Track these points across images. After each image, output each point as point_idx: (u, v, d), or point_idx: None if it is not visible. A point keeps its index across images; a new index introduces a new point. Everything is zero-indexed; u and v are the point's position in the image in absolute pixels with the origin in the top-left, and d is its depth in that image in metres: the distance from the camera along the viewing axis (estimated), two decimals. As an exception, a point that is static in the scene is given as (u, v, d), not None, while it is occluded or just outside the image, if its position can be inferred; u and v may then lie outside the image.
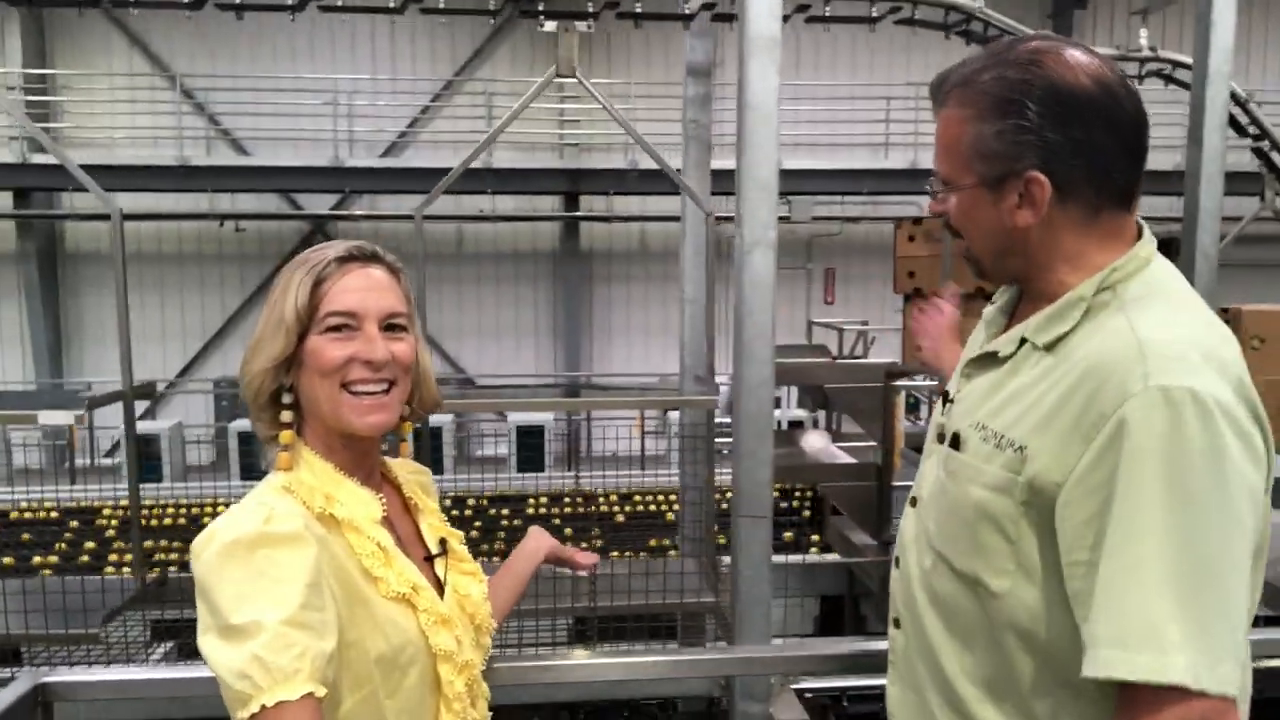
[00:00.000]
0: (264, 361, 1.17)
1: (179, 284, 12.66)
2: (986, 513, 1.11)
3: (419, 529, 1.31)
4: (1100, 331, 1.09)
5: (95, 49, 12.22)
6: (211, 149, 12.25)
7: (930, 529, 1.23)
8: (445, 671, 1.20)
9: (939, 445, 1.25)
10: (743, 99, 2.69)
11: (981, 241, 1.19)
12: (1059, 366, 1.10)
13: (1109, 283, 1.12)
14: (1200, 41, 3.58)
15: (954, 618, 1.19)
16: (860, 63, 12.85)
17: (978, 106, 1.13)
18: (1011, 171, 1.11)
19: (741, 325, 2.77)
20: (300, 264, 1.20)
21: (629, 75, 12.36)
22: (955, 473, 1.17)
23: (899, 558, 1.32)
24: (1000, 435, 1.11)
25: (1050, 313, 1.14)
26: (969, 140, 1.14)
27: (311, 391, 1.18)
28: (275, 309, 1.17)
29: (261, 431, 1.23)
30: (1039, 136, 1.09)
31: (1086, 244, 1.13)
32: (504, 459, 8.70)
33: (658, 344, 12.57)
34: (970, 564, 1.15)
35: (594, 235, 12.93)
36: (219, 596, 1.03)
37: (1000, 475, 1.10)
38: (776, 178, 2.72)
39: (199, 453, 10.40)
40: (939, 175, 1.19)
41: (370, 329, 1.18)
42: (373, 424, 1.18)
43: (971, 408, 1.19)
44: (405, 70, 12.56)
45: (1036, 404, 1.09)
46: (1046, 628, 1.09)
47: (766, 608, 2.86)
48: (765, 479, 2.80)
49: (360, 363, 1.17)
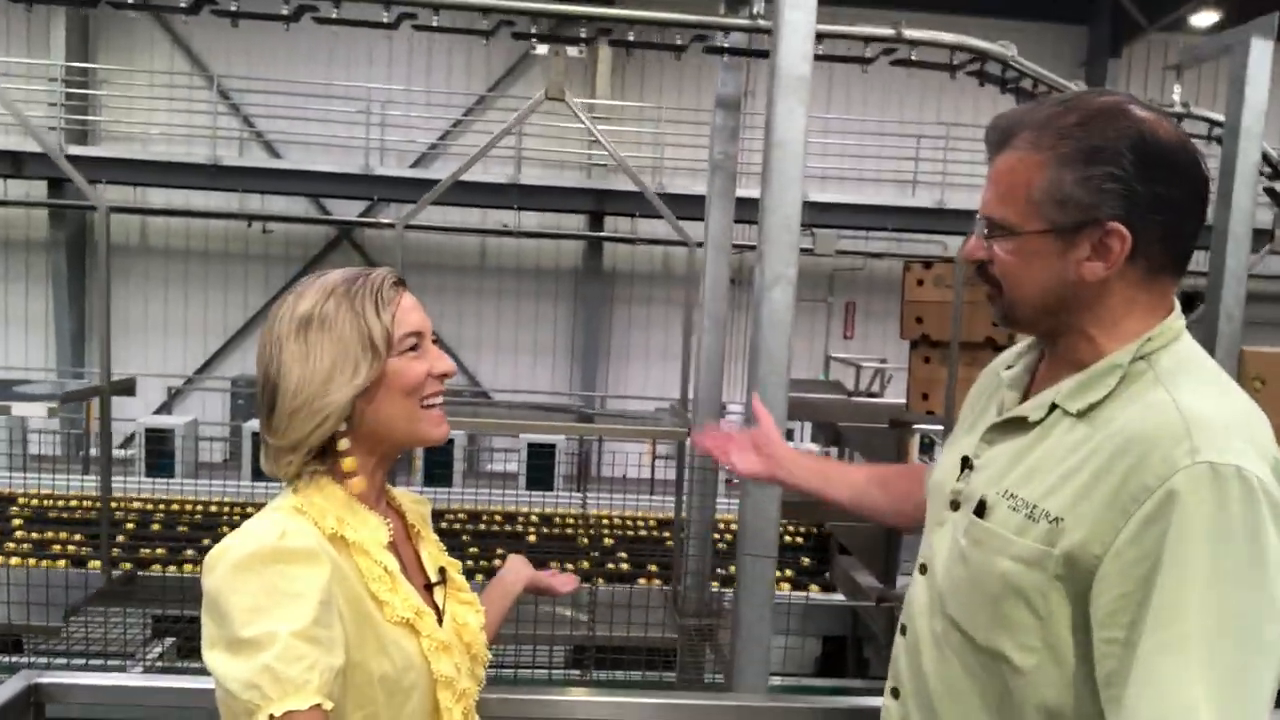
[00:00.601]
0: (348, 391, 1.16)
1: (203, 281, 12.80)
2: (1014, 586, 1.07)
3: (419, 556, 1.31)
4: (1138, 402, 1.06)
5: (138, 46, 12.44)
6: (244, 150, 12.41)
7: (946, 598, 1.18)
8: (444, 699, 1.20)
9: (952, 513, 1.21)
10: (770, 137, 2.71)
11: (1031, 293, 1.13)
12: (1094, 436, 1.06)
13: (1144, 352, 1.09)
14: (1234, 99, 3.57)
15: (967, 691, 1.15)
16: (891, 99, 12.88)
17: (1059, 151, 1.08)
18: (1090, 220, 1.07)
19: (756, 362, 2.76)
20: (352, 295, 1.19)
21: (660, 100, 12.44)
22: (981, 542, 1.12)
23: (905, 625, 1.27)
24: (1033, 505, 1.07)
25: (1084, 379, 1.10)
26: (1044, 185, 1.08)
27: (388, 412, 1.19)
28: (346, 338, 1.16)
29: (292, 470, 1.20)
30: (1127, 187, 1.05)
31: (1134, 308, 1.10)
32: (513, 475, 8.69)
33: (674, 368, 12.58)
34: (993, 638, 1.10)
35: (617, 256, 12.98)
36: (231, 609, 1.04)
37: (1033, 548, 1.06)
38: (799, 216, 2.73)
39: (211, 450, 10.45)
40: (993, 219, 1.13)
41: (430, 345, 1.23)
42: (445, 433, 1.25)
43: (996, 475, 1.15)
44: (440, 83, 12.70)
45: (1073, 474, 1.05)
46: (1073, 707, 1.05)
47: (766, 648, 2.84)
48: (772, 517, 2.78)
49: (434, 377, 1.22)
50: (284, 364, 1.16)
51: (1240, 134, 3.55)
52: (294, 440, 1.16)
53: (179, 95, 12.24)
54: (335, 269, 1.24)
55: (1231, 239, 3.56)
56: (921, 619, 1.22)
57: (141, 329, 12.76)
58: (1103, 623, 1.00)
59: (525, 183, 11.60)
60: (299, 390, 1.15)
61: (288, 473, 1.19)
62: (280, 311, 1.19)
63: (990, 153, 1.16)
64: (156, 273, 12.72)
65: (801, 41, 2.65)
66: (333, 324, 1.17)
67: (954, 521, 1.20)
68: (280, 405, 1.16)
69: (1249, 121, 3.55)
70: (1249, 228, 3.60)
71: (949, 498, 1.23)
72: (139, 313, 12.74)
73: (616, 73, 12.61)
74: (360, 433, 1.19)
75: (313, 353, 1.16)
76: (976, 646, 1.13)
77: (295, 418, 1.15)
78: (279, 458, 1.18)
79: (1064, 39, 12.94)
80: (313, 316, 1.17)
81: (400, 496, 1.35)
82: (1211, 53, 4.27)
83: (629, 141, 12.55)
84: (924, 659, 1.21)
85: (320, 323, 1.17)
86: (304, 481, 1.19)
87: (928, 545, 1.26)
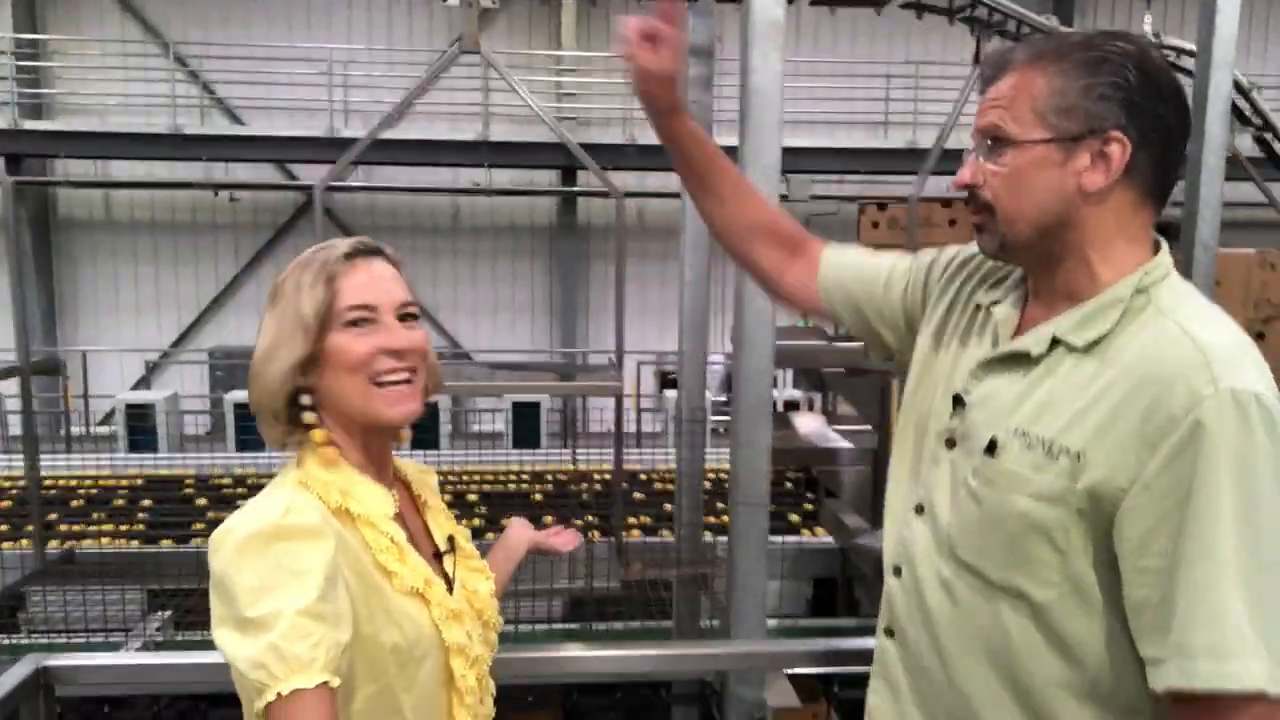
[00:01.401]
0: (283, 364, 1.16)
1: (173, 253, 12.59)
2: (1035, 523, 1.08)
3: (427, 526, 1.32)
4: (1147, 334, 1.07)
5: (87, 16, 12.08)
6: (205, 118, 12.15)
7: (955, 540, 1.18)
8: (458, 665, 1.22)
9: (948, 450, 1.21)
10: (746, 84, 2.67)
11: (1028, 208, 1.13)
12: (1106, 370, 1.07)
13: (1143, 285, 1.11)
14: (1204, 29, 3.56)
15: (977, 629, 1.16)
16: (861, 40, 12.76)
17: (1063, 64, 1.10)
18: (1093, 129, 1.08)
19: (742, 312, 2.76)
20: (306, 264, 1.20)
21: (628, 49, 12.24)
22: (994, 481, 1.13)
23: (900, 568, 1.27)
24: (1050, 442, 1.08)
25: (1087, 312, 1.11)
26: (1049, 93, 1.10)
27: (338, 389, 1.18)
28: (287, 311, 1.17)
29: (275, 438, 1.22)
30: (1129, 97, 1.08)
31: (1121, 235, 1.12)
32: (500, 435, 8.71)
33: (654, 322, 12.56)
34: (1009, 575, 1.12)
35: (591, 211, 12.88)
36: (237, 589, 1.04)
37: (1053, 484, 1.07)
38: (779, 162, 2.71)
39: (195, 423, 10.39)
40: (993, 132, 1.13)
41: (389, 319, 1.20)
42: (404, 414, 1.21)
43: (1001, 412, 1.15)
44: (402, 41, 12.44)
45: (1090, 409, 1.06)
46: (1092, 636, 1.08)
47: (762, 595, 2.87)
48: (762, 467, 2.80)
49: (386, 354, 1.18)
50: (259, 332, 1.20)
51: (1212, 65, 3.54)
52: (255, 405, 1.21)
53: (134, 65, 11.92)
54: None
55: (1205, 169, 3.57)
56: (924, 562, 1.23)
57: (113, 304, 12.58)
58: (1135, 552, 1.03)
59: (495, 139, 11.44)
60: (257, 359, 1.19)
61: (273, 438, 1.22)
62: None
63: (985, 85, 1.17)
64: (124, 247, 12.50)
65: (775, -14, 2.62)
66: (283, 296, 1.19)
67: (953, 461, 1.20)
68: (250, 371, 1.21)
69: (1220, 51, 3.54)
70: (1222, 158, 3.61)
71: (942, 434, 1.23)
72: (108, 288, 12.54)
73: (581, 24, 12.39)
74: (329, 408, 1.21)
75: (270, 324, 1.19)
76: (990, 584, 1.14)
77: (254, 384, 1.20)
78: (260, 423, 1.22)
79: (1031, -28, 12.86)
80: (277, 288, 1.20)
81: (405, 467, 1.36)
82: (1182, -19, 4.24)
83: (598, 94, 12.39)
84: (928, 600, 1.22)
85: (277, 294, 1.20)
86: (306, 455, 1.20)
87: (922, 484, 1.25)
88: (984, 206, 1.16)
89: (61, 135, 11.19)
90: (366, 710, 1.14)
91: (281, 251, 12.64)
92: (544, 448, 8.09)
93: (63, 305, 12.48)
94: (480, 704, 1.27)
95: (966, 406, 1.20)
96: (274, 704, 1.01)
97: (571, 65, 12.31)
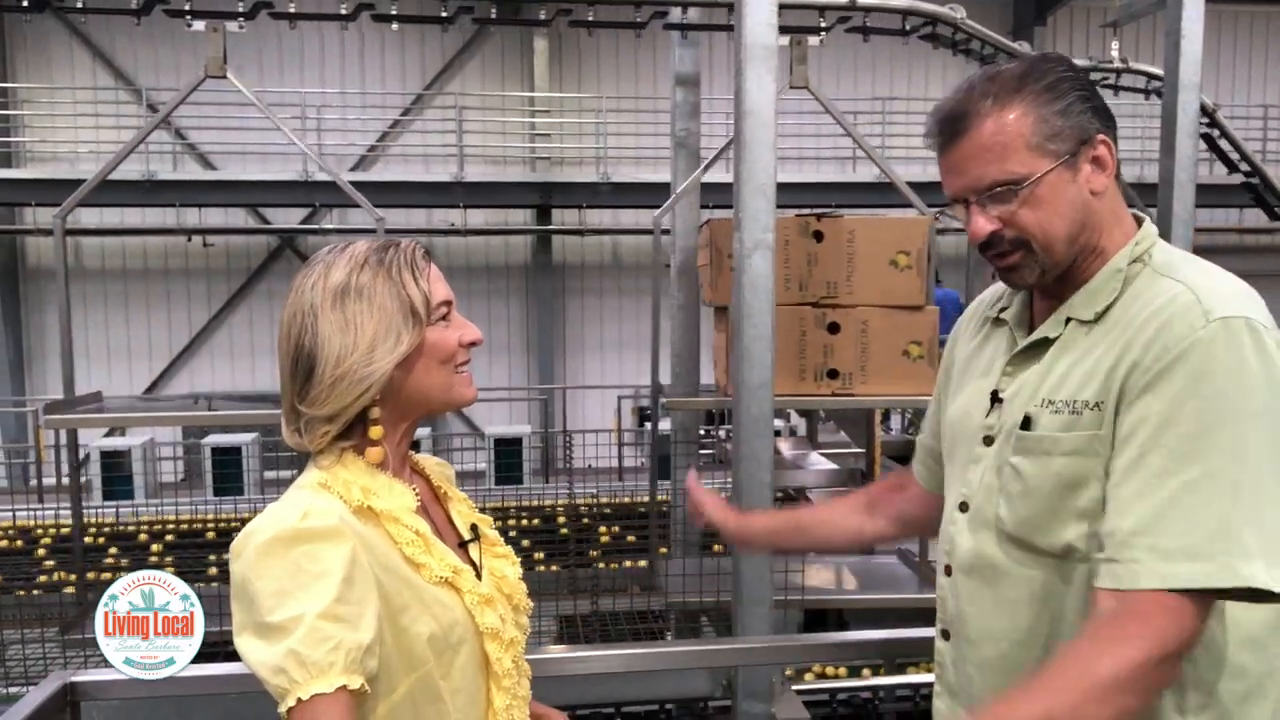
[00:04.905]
0: (392, 359, 1.18)
1: (144, 300, 12.47)
2: (1071, 478, 1.16)
3: (450, 517, 1.34)
4: (1146, 293, 1.17)
5: (58, 62, 12.06)
6: (178, 164, 12.13)
7: (1002, 518, 1.23)
8: (493, 650, 1.23)
9: (987, 448, 1.27)
10: (740, 106, 2.75)
11: (1061, 229, 1.20)
12: (1111, 331, 1.17)
13: (1136, 254, 1.21)
14: (1170, 52, 3.70)
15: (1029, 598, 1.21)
16: (825, 76, 13.04)
17: (1026, 99, 1.18)
18: (1082, 140, 1.19)
19: (741, 328, 2.81)
20: (387, 264, 1.21)
21: (599, 89, 12.43)
22: (1031, 450, 1.20)
23: (949, 566, 1.32)
24: (1072, 401, 1.16)
25: (1091, 289, 1.21)
26: (1035, 126, 1.18)
27: (426, 379, 1.22)
28: (386, 307, 1.18)
29: (318, 444, 1.20)
30: (1091, 104, 1.21)
31: (1113, 216, 1.23)
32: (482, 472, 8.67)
33: (631, 356, 12.61)
34: (1055, 536, 1.18)
35: (566, 249, 12.97)
36: (258, 594, 1.05)
37: (1083, 436, 1.15)
38: (774, 182, 2.78)
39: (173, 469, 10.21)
40: (999, 182, 1.19)
41: (457, 315, 1.28)
42: (475, 394, 1.30)
43: (1030, 393, 1.23)
44: (375, 84, 12.54)
45: (1099, 363, 1.16)
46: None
47: (767, 608, 2.89)
48: (766, 480, 2.83)
49: (464, 346, 1.27)
50: (321, 334, 1.16)
51: (1179, 87, 3.69)
52: (334, 410, 1.17)
53: (106, 111, 11.91)
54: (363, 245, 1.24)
55: (1177, 186, 3.70)
56: (969, 551, 1.27)
57: (84, 352, 12.40)
58: (1120, 445, 1.11)
59: (470, 180, 11.52)
60: (341, 359, 1.15)
61: (320, 444, 1.20)
62: (307, 282, 1.19)
63: (944, 143, 1.22)
64: (95, 294, 12.37)
65: (766, 10, 2.71)
66: (372, 293, 1.18)
67: (991, 455, 1.26)
68: (320, 376, 1.16)
69: (1187, 74, 3.68)
70: (1192, 175, 3.75)
71: (980, 434, 1.28)
72: (79, 336, 12.38)
73: (554, 64, 12.57)
74: (393, 401, 1.21)
75: (353, 322, 1.16)
76: (1039, 552, 1.19)
77: (337, 387, 1.16)
78: (314, 428, 1.18)
79: (990, 12, 13.22)
80: (349, 286, 1.18)
81: (423, 461, 1.38)
82: (1146, 8, 4.43)
83: (571, 133, 12.54)
84: (974, 580, 1.26)
85: (358, 292, 1.18)
86: (327, 456, 1.20)
87: (964, 483, 1.31)
88: (1016, 245, 1.21)
89: (30, 183, 11.11)
90: (409, 700, 1.15)
91: (254, 297, 12.57)
92: (526, 484, 8.07)
93: (30, 355, 12.30)
94: (517, 685, 1.28)
95: (1003, 402, 1.27)
96: (295, 709, 1.03)
97: (544, 106, 12.45)
